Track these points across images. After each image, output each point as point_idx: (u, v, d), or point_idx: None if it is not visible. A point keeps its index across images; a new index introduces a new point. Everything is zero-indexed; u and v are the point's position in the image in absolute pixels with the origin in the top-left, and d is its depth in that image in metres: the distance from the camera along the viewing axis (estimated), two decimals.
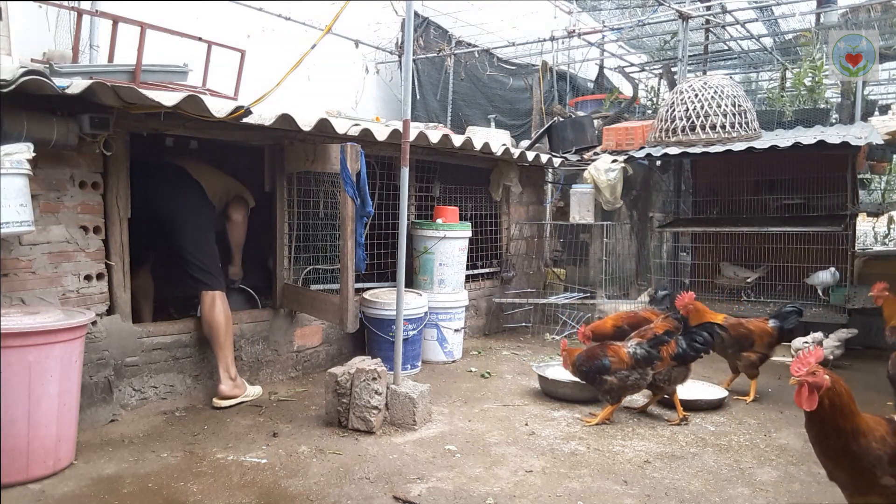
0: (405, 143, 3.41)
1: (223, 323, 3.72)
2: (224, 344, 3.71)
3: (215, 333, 3.70)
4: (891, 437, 2.09)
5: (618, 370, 3.50)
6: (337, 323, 3.78)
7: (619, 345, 3.61)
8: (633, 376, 3.50)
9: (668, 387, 3.64)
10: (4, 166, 2.71)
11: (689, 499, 2.65)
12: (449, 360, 4.93)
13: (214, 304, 3.72)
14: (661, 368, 3.58)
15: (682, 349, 3.59)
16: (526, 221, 6.54)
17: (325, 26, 3.77)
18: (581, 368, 3.60)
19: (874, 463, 2.07)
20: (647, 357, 3.51)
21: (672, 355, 3.57)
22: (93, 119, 3.12)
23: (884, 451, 2.07)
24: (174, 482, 2.69)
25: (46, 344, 2.62)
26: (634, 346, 3.56)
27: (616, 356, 3.52)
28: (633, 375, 3.50)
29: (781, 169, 5.95)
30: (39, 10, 4.93)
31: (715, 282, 6.23)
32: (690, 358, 3.62)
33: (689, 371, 3.70)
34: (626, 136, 6.25)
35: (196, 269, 3.75)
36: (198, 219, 3.84)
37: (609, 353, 3.54)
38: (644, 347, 3.54)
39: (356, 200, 3.56)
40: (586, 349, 3.68)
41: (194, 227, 3.80)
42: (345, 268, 3.64)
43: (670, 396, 3.66)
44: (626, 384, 3.51)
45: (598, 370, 3.52)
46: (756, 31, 8.75)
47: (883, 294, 4.08)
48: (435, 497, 2.61)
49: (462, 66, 8.90)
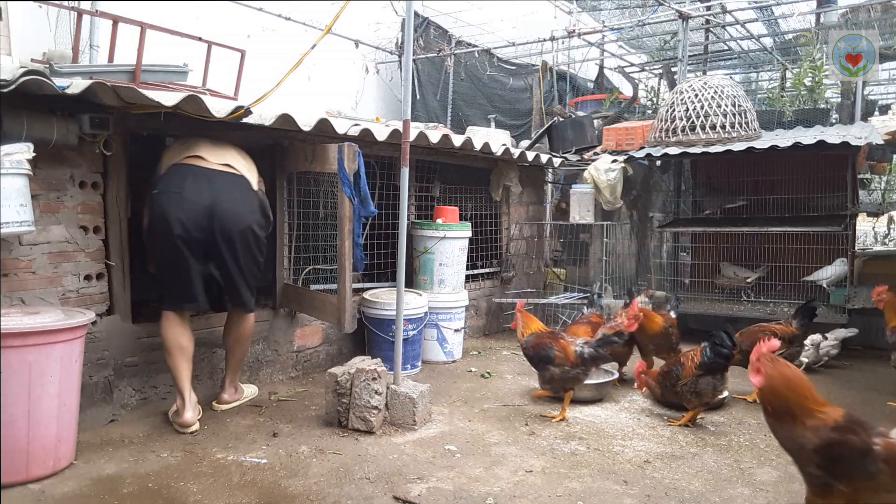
0: (405, 143, 3.41)
1: (249, 340, 3.70)
2: (241, 360, 3.71)
3: (240, 350, 3.63)
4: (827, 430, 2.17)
5: (561, 364, 3.56)
6: (335, 323, 3.78)
7: (570, 341, 3.63)
8: (573, 372, 3.56)
9: (696, 399, 3.48)
10: (4, 166, 2.71)
11: (689, 499, 2.65)
12: (449, 360, 4.93)
13: (249, 323, 3.60)
14: (685, 379, 3.49)
15: (708, 357, 3.42)
16: (526, 221, 6.54)
17: (325, 26, 3.77)
18: (527, 351, 3.73)
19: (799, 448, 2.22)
20: (594, 356, 3.56)
21: (697, 364, 3.45)
22: (93, 119, 3.12)
23: (812, 441, 2.17)
24: (174, 482, 2.69)
25: (46, 344, 2.61)
26: (582, 346, 3.58)
27: (563, 352, 3.57)
28: (573, 371, 3.56)
29: (781, 169, 5.95)
30: (39, 10, 4.93)
31: (715, 282, 6.23)
32: (718, 367, 3.42)
33: (723, 382, 3.49)
34: (626, 136, 6.25)
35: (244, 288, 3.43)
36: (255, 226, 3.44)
37: (557, 347, 3.59)
38: (592, 347, 3.56)
39: (353, 200, 3.57)
40: (537, 335, 3.73)
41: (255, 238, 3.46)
42: (342, 268, 3.65)
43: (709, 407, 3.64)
44: (566, 377, 3.58)
45: (543, 359, 3.61)
46: (756, 31, 8.75)
47: (883, 297, 4.08)
48: (435, 497, 2.61)
49: (462, 66, 8.90)
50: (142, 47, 3.89)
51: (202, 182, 3.25)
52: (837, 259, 5.36)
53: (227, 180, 3.34)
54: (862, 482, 2.10)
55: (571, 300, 5.91)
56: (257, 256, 3.46)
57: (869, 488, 2.10)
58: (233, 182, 3.35)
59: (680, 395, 3.56)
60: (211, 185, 3.26)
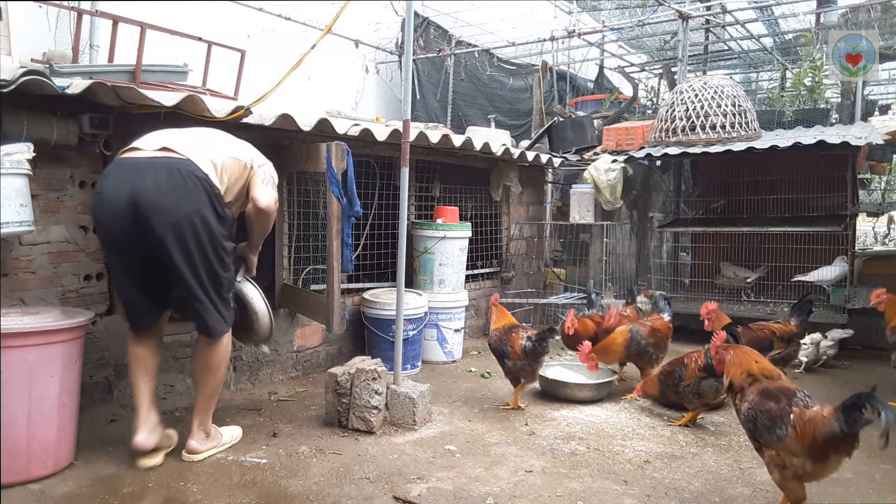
0: (405, 143, 3.41)
1: (222, 370, 2.93)
2: (212, 395, 2.94)
3: (209, 381, 2.90)
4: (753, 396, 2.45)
5: (512, 358, 3.71)
6: (324, 324, 3.77)
7: (519, 335, 3.73)
8: (520, 363, 3.70)
9: (697, 400, 3.49)
10: (4, 166, 2.71)
11: (689, 499, 2.65)
12: (449, 360, 4.93)
13: (219, 350, 2.87)
14: (688, 381, 3.49)
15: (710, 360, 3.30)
16: (526, 221, 6.54)
17: (325, 26, 3.77)
18: (491, 344, 3.88)
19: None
20: (533, 350, 3.64)
21: (700, 367, 3.45)
22: (93, 119, 3.12)
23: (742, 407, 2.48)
24: (174, 482, 2.69)
25: (46, 344, 2.61)
26: (525, 340, 3.68)
27: (512, 347, 3.71)
28: (520, 363, 3.70)
29: (781, 169, 5.95)
30: (39, 10, 4.93)
31: (715, 282, 6.23)
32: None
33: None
34: (626, 136, 6.25)
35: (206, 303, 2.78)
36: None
37: (509, 342, 3.73)
38: (532, 341, 3.65)
39: (342, 200, 3.56)
40: (503, 329, 3.84)
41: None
42: (330, 268, 3.64)
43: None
44: (517, 369, 3.73)
45: (500, 353, 3.79)
46: (756, 31, 8.75)
47: (882, 299, 4.07)
48: (435, 497, 2.61)
49: (462, 66, 8.90)
50: (142, 47, 3.89)
51: (124, 176, 2.65)
52: (837, 258, 5.35)
53: (157, 167, 2.65)
54: (773, 445, 2.31)
55: (571, 300, 5.91)
56: (211, 257, 2.71)
57: (780, 449, 2.30)
58: (164, 167, 2.64)
59: (681, 396, 3.56)
60: (133, 177, 2.62)
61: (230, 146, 2.94)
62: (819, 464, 2.23)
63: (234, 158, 2.88)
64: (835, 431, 2.15)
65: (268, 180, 2.94)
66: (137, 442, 2.74)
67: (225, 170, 2.83)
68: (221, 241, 2.77)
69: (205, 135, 2.95)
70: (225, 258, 2.81)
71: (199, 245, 2.69)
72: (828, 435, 2.17)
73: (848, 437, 2.17)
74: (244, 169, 2.92)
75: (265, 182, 2.93)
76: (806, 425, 2.23)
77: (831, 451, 2.20)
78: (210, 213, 2.71)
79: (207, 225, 2.70)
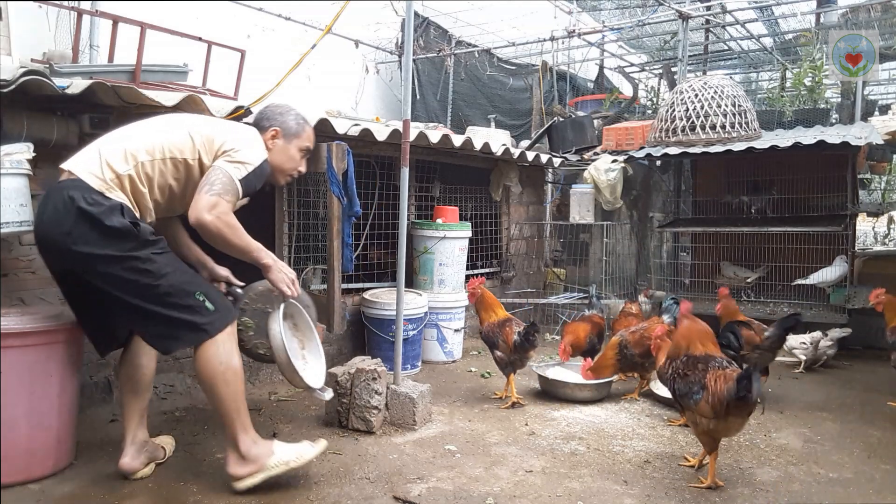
0: (405, 143, 3.41)
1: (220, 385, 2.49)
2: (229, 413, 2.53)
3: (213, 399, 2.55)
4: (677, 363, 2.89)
5: (503, 350, 3.82)
6: (324, 324, 3.77)
7: (512, 329, 3.81)
8: (512, 357, 3.82)
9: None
10: (4, 166, 2.71)
11: (689, 499, 2.65)
12: (449, 360, 4.93)
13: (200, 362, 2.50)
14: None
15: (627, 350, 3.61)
16: (526, 221, 6.55)
17: (325, 26, 3.78)
18: (482, 333, 4.01)
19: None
20: (521, 344, 3.74)
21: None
22: (93, 119, 3.12)
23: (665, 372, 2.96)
24: (174, 482, 2.69)
25: (46, 344, 2.61)
26: (516, 335, 3.77)
27: (505, 342, 3.81)
28: (512, 357, 3.82)
29: (781, 169, 5.95)
30: (39, 10, 4.93)
31: (715, 282, 6.22)
32: None
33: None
34: (626, 136, 6.25)
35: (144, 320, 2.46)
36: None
37: (502, 335, 3.83)
38: (521, 336, 3.74)
39: (342, 200, 3.56)
40: (496, 323, 3.92)
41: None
42: (331, 268, 3.64)
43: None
44: (507, 361, 3.84)
45: (492, 344, 3.90)
46: (756, 31, 8.76)
47: (881, 299, 4.07)
48: (435, 497, 2.61)
49: (462, 66, 8.90)
50: (142, 47, 3.89)
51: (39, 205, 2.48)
52: (837, 258, 5.34)
53: (55, 192, 2.40)
54: (690, 408, 2.75)
55: (571, 300, 5.92)
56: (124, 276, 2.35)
57: (696, 412, 2.72)
58: (58, 193, 2.38)
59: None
60: (41, 206, 2.44)
61: (168, 138, 2.52)
62: (722, 422, 2.65)
63: (170, 158, 2.50)
64: (731, 395, 2.58)
65: (213, 185, 2.43)
66: (123, 465, 2.65)
67: (143, 174, 2.46)
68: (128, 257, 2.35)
69: (131, 131, 2.56)
70: (145, 268, 2.37)
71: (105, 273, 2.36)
72: (726, 398, 2.59)
73: (741, 402, 2.58)
74: (187, 167, 2.53)
75: (206, 187, 2.43)
76: (713, 395, 2.64)
77: (731, 413, 2.63)
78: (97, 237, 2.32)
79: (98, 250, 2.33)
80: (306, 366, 2.94)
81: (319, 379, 2.91)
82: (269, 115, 2.82)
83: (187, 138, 2.54)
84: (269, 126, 2.79)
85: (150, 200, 2.53)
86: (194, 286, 2.50)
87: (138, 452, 2.70)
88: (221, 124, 2.74)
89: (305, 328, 3.02)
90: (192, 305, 2.45)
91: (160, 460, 2.83)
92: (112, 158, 2.43)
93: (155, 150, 2.49)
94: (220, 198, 2.42)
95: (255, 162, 2.59)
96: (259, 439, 2.61)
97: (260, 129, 2.78)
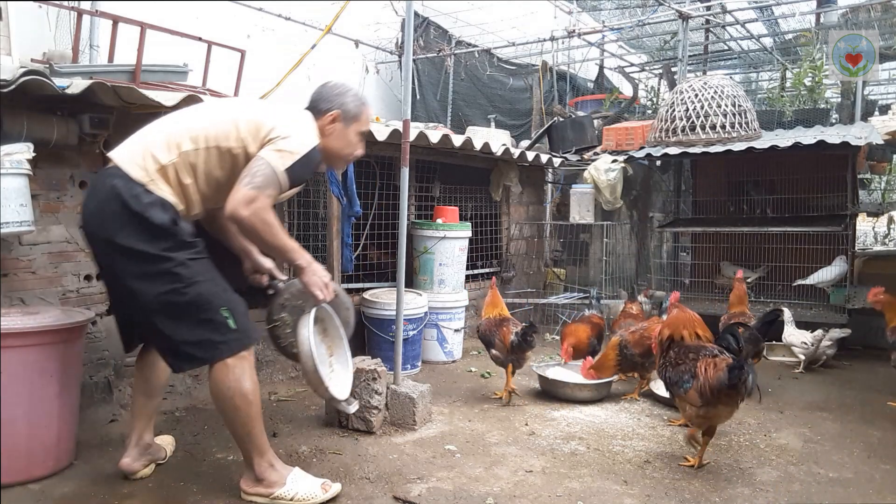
0: (405, 143, 3.41)
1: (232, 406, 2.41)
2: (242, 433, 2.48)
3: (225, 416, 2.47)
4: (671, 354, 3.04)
5: (500, 350, 3.86)
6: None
7: (510, 329, 3.84)
8: (509, 357, 3.85)
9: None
10: (4, 166, 2.71)
11: (690, 499, 2.65)
12: (449, 360, 4.93)
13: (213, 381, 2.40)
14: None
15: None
16: (526, 221, 6.55)
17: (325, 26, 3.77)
18: (479, 331, 4.07)
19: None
20: (518, 344, 3.77)
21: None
22: (93, 119, 3.12)
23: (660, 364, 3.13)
24: (174, 482, 2.69)
25: (46, 344, 2.61)
26: (513, 335, 3.78)
27: (502, 341, 3.84)
28: (509, 357, 3.85)
29: (781, 169, 5.95)
30: (39, 10, 4.92)
31: (715, 282, 6.23)
32: None
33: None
34: (626, 136, 6.25)
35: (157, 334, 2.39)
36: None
37: (499, 334, 3.87)
38: (518, 336, 3.76)
39: (342, 200, 3.54)
40: (493, 321, 3.97)
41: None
42: (330, 268, 3.63)
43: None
44: (502, 361, 3.90)
45: (488, 343, 3.95)
46: (756, 31, 8.75)
47: (880, 298, 4.07)
48: (435, 497, 2.61)
49: (462, 66, 8.89)
50: (142, 47, 3.88)
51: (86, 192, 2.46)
52: (837, 258, 5.34)
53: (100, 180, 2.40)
54: (680, 395, 2.90)
55: (571, 300, 5.92)
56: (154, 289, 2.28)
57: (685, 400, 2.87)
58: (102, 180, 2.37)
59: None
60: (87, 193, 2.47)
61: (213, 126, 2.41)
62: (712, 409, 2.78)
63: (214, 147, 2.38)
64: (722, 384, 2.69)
65: (255, 178, 2.30)
66: (123, 465, 2.62)
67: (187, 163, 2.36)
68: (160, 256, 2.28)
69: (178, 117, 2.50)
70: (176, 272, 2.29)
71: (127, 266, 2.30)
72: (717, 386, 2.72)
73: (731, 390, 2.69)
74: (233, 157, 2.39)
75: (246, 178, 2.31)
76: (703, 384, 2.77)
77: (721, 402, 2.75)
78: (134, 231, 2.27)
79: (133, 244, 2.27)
80: (332, 374, 2.83)
81: (346, 389, 2.80)
82: (326, 97, 2.61)
83: (231, 126, 2.40)
84: (328, 109, 2.58)
85: (195, 192, 2.41)
86: (221, 301, 2.38)
87: (140, 454, 2.67)
88: (272, 108, 2.58)
89: (335, 334, 2.90)
90: (213, 320, 2.35)
91: (161, 461, 2.83)
92: (155, 147, 2.35)
93: (199, 139, 2.37)
94: (259, 192, 2.29)
95: (303, 150, 2.39)
96: (277, 463, 2.54)
97: (316, 112, 2.59)
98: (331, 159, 2.68)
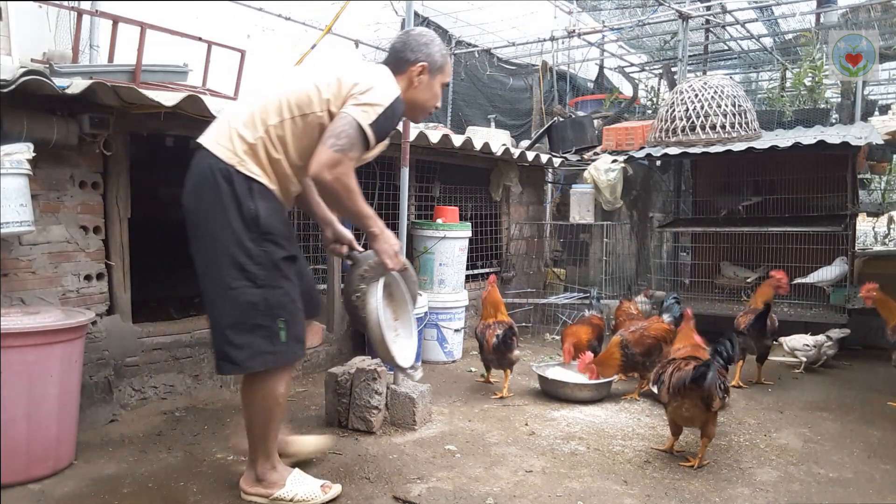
0: (405, 143, 3.41)
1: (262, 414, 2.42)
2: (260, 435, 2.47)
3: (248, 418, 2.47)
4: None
5: (485, 350, 4.06)
6: (324, 324, 3.76)
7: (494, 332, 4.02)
8: (492, 357, 4.06)
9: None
10: (4, 166, 2.71)
11: (690, 499, 2.65)
12: (449, 360, 4.93)
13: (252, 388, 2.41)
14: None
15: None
16: (526, 221, 6.54)
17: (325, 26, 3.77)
18: (476, 330, 4.23)
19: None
20: (498, 346, 3.94)
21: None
22: (93, 119, 3.12)
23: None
24: (174, 482, 2.69)
25: (46, 344, 2.61)
26: (495, 337, 3.96)
27: (487, 343, 4.03)
28: (492, 356, 4.05)
29: (781, 169, 5.95)
30: (39, 10, 4.93)
31: (715, 282, 6.23)
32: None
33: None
34: (626, 136, 6.25)
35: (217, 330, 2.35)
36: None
37: (486, 336, 4.05)
38: (499, 338, 3.93)
39: None
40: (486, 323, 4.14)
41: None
42: (331, 268, 3.64)
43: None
44: (484, 360, 4.17)
45: (480, 344, 4.13)
46: (756, 31, 8.76)
47: (872, 294, 4.06)
48: (435, 497, 2.61)
49: (462, 66, 8.90)
50: (142, 47, 3.89)
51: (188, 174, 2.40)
52: (837, 258, 5.34)
53: (195, 162, 2.36)
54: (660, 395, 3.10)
55: (571, 300, 5.92)
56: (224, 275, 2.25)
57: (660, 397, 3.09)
58: (197, 162, 2.34)
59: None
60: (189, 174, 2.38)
61: (295, 93, 2.30)
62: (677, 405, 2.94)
63: (299, 115, 2.29)
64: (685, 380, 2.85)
65: (339, 138, 2.20)
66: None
67: (275, 137, 2.29)
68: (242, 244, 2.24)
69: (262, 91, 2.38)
70: (248, 269, 2.25)
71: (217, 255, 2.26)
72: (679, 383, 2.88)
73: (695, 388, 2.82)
74: (320, 123, 2.29)
75: (331, 140, 2.20)
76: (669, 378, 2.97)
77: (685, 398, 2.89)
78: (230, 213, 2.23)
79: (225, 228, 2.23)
80: (397, 337, 2.79)
81: (410, 357, 2.74)
82: (413, 46, 2.50)
83: (313, 89, 2.30)
84: (416, 60, 2.48)
85: (288, 167, 2.34)
86: (283, 311, 2.33)
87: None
88: (351, 63, 2.52)
89: (401, 299, 2.83)
90: (267, 327, 2.30)
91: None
92: (241, 126, 2.28)
93: (283, 109, 2.28)
94: (343, 155, 2.20)
95: (386, 101, 2.29)
96: (278, 465, 2.53)
97: (402, 63, 2.49)
98: (414, 111, 2.62)
